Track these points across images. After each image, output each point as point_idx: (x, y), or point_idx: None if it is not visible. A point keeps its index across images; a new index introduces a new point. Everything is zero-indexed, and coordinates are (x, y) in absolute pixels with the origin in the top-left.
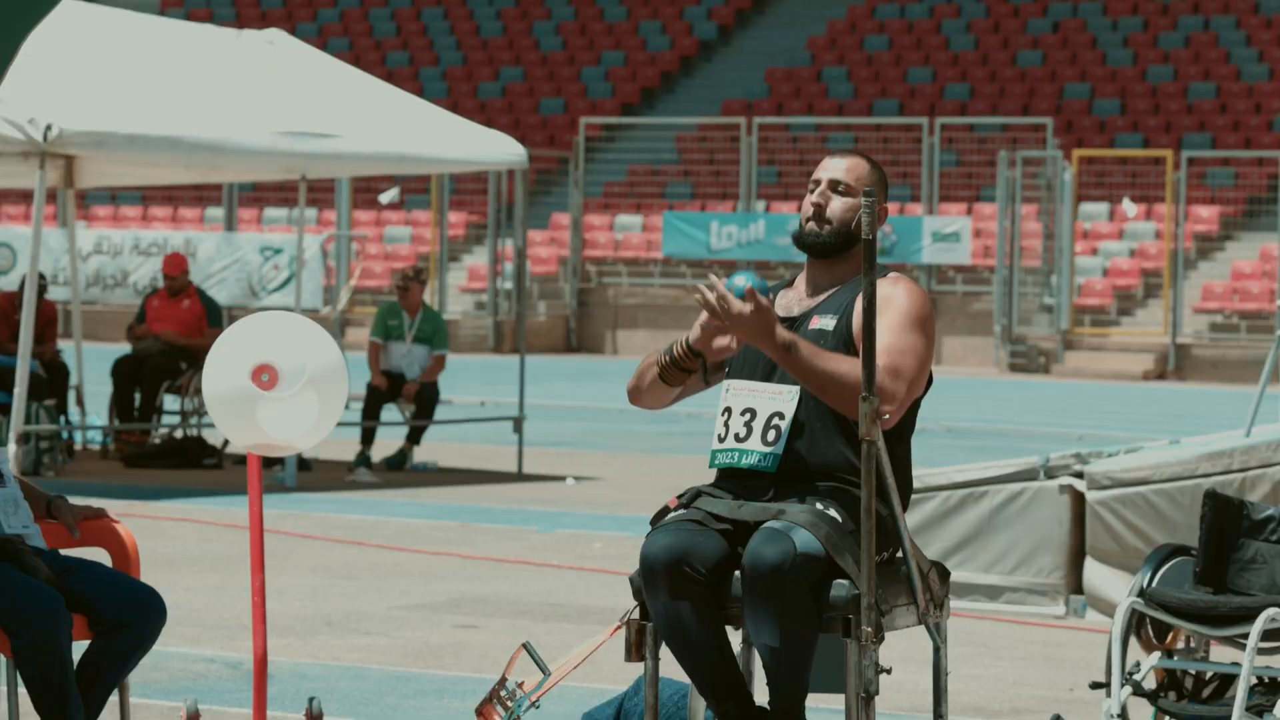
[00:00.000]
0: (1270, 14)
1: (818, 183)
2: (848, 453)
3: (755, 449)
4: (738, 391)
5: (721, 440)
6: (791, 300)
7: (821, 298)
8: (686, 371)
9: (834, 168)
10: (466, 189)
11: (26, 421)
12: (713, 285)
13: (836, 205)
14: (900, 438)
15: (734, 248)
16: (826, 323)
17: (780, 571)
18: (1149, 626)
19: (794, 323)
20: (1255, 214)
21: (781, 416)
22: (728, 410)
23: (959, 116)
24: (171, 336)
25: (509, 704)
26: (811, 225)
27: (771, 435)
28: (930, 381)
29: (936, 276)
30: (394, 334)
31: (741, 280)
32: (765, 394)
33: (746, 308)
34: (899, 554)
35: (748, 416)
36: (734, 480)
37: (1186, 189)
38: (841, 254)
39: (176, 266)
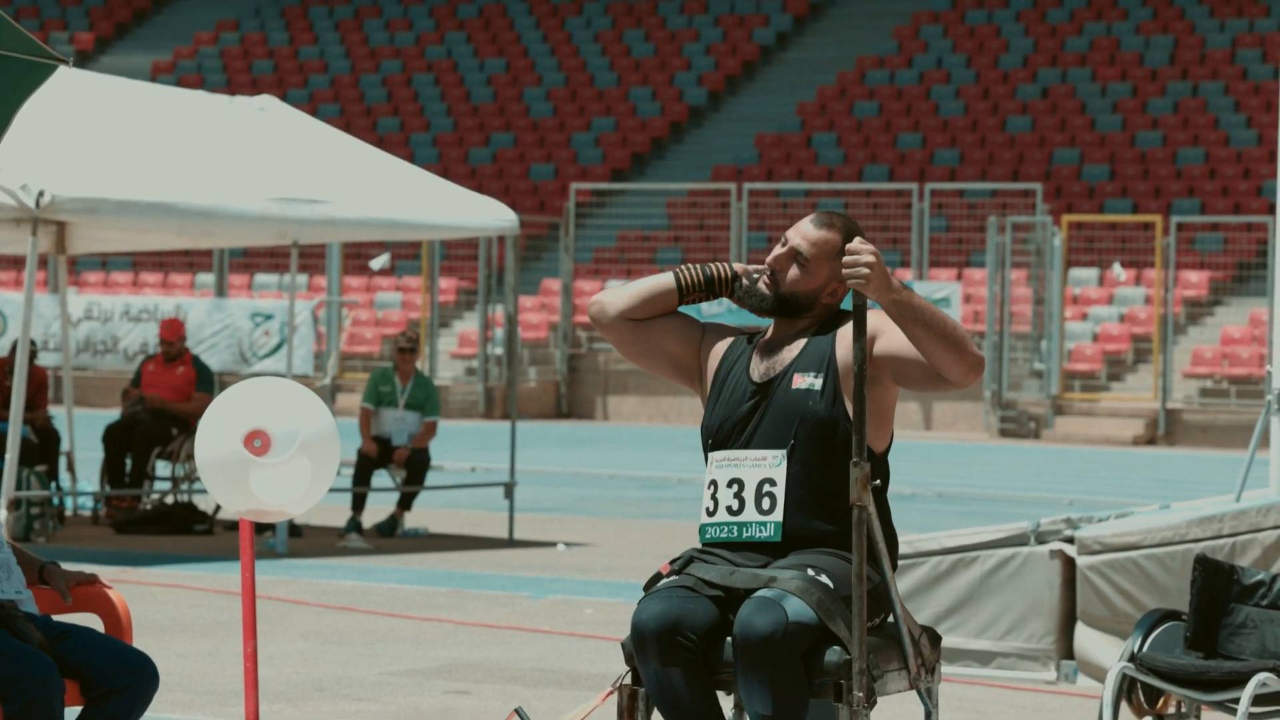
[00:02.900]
0: (1258, 80)
1: (785, 241)
2: (839, 510)
3: (753, 519)
4: (720, 463)
5: (711, 514)
6: (764, 362)
7: (795, 353)
8: (710, 296)
9: (804, 234)
10: (457, 255)
11: (18, 487)
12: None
13: (791, 275)
14: (881, 491)
15: (724, 314)
16: (812, 381)
17: (772, 641)
18: (1140, 691)
19: (774, 383)
20: (1244, 279)
21: (773, 483)
22: (714, 484)
23: (948, 182)
24: (158, 401)
25: None
26: (760, 286)
27: (766, 504)
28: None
29: None
30: (386, 400)
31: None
32: (749, 463)
33: (871, 258)
34: (890, 619)
35: (736, 488)
36: (729, 547)
37: (1176, 254)
38: (787, 316)
39: (174, 332)
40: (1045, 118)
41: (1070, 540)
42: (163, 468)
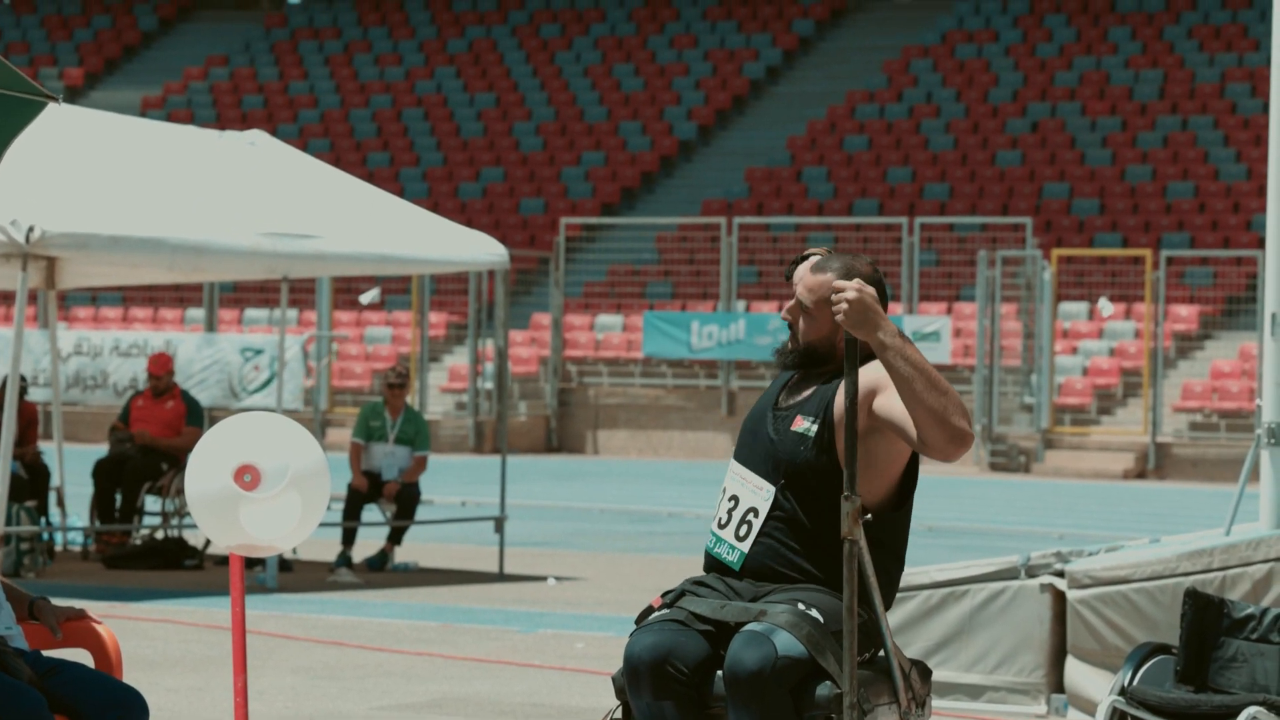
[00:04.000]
0: (1247, 114)
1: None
2: (821, 557)
3: (728, 541)
4: (734, 475)
5: (721, 525)
6: (788, 394)
7: (805, 394)
8: None
9: (804, 282)
10: (447, 289)
11: (7, 523)
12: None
13: (802, 326)
14: (901, 516)
15: (715, 347)
16: (809, 427)
17: (761, 676)
18: None
19: (784, 417)
20: (1234, 313)
21: (755, 514)
22: (724, 491)
23: (938, 216)
24: (146, 438)
25: None
26: (787, 341)
27: (743, 531)
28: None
29: None
30: (376, 435)
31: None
32: (750, 485)
33: (853, 294)
34: (880, 653)
35: (733, 504)
36: (718, 577)
37: (1165, 288)
38: (814, 367)
39: (162, 366)
40: (1035, 152)
41: (1060, 574)
42: (152, 503)
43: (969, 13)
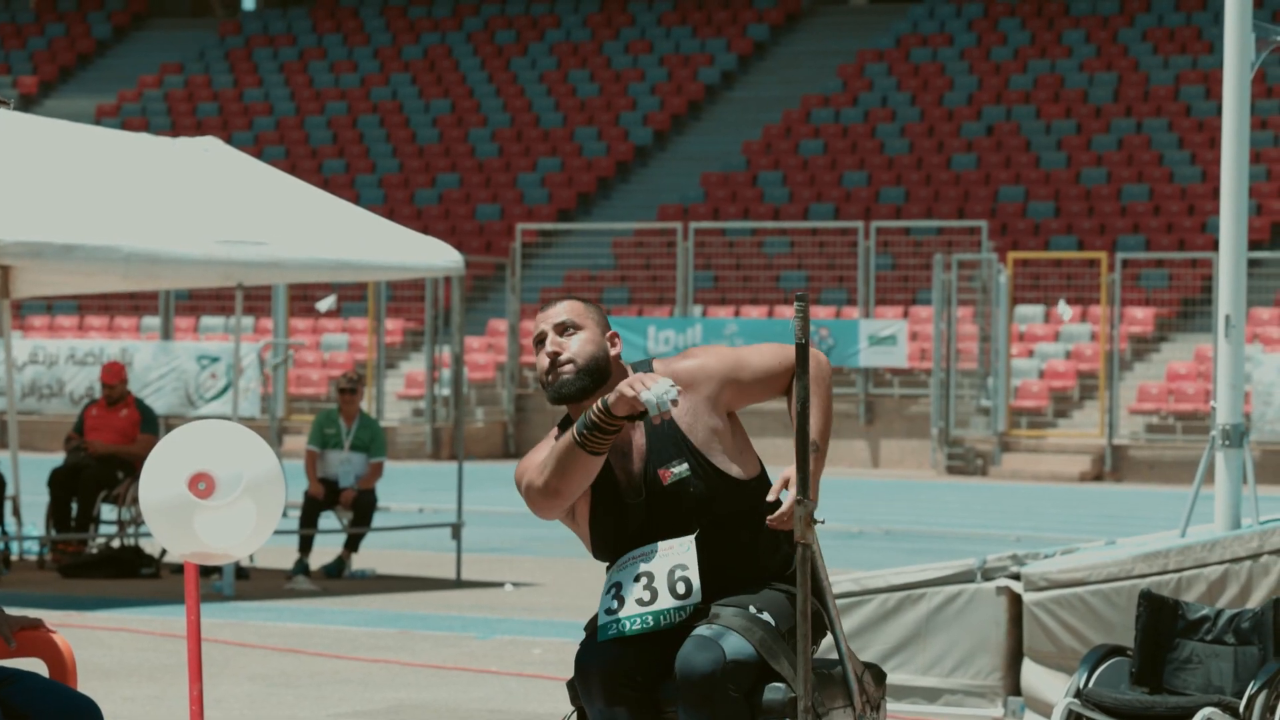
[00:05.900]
0: (1202, 117)
1: (543, 336)
2: (763, 559)
3: (668, 606)
4: (622, 564)
5: (612, 613)
6: (621, 469)
7: (642, 444)
8: (615, 433)
9: (551, 315)
10: (403, 296)
11: None
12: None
13: (574, 344)
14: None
15: (671, 352)
16: (680, 469)
17: (711, 679)
18: None
19: (647, 488)
20: (1189, 315)
21: (685, 567)
22: (616, 585)
23: (894, 220)
24: (100, 448)
25: None
26: (562, 374)
27: (682, 588)
28: None
29: (873, 379)
30: (331, 442)
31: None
32: (656, 555)
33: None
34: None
35: (645, 580)
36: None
37: (1121, 290)
38: (598, 389)
39: (115, 375)
40: (990, 155)
41: (1017, 577)
42: (109, 511)
43: (923, 17)
